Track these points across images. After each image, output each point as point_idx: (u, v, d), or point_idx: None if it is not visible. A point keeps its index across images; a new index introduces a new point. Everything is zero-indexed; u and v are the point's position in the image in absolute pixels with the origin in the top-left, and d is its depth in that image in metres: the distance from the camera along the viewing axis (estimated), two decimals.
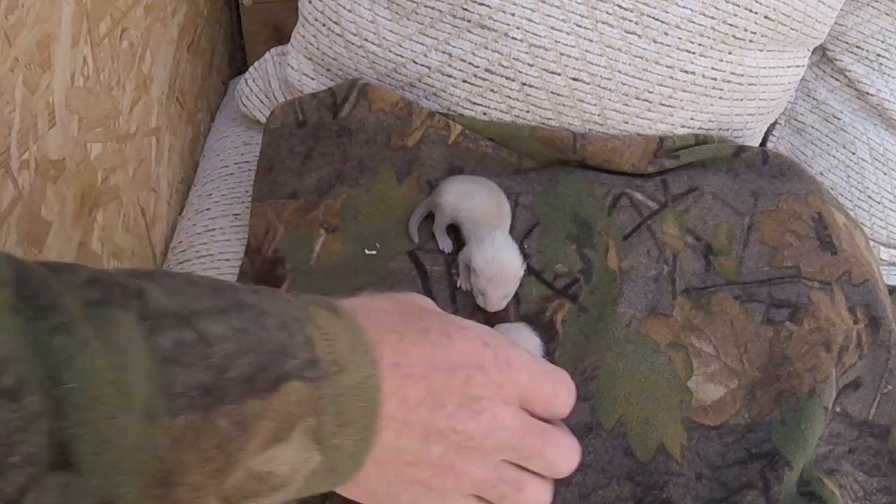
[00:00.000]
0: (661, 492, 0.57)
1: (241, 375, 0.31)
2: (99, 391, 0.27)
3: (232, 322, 0.32)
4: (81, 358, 0.27)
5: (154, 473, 0.29)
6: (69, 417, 0.26)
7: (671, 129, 0.79)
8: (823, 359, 0.64)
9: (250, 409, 0.31)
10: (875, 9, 0.89)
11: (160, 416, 0.29)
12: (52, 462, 0.26)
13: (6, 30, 0.51)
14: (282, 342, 0.33)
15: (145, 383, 0.29)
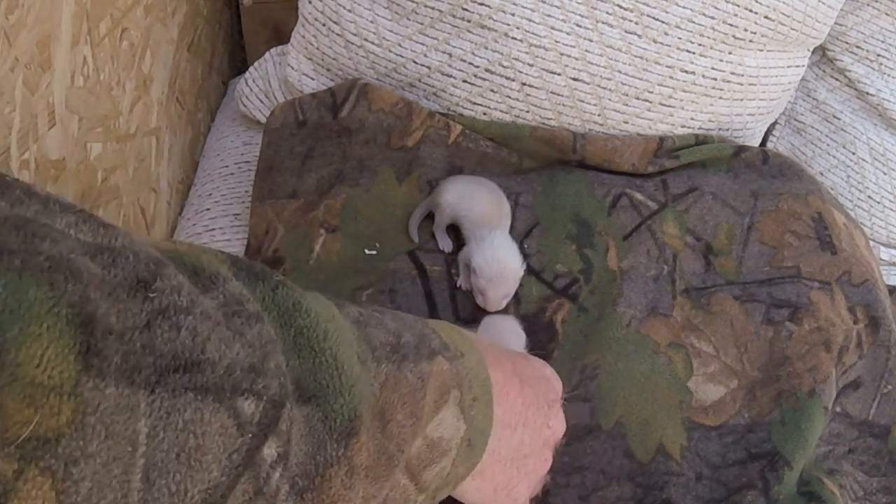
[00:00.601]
0: (661, 492, 0.57)
1: (411, 342, 0.37)
2: (326, 327, 0.31)
3: (381, 314, 0.37)
4: (306, 302, 0.31)
5: (374, 405, 0.32)
6: (304, 352, 0.30)
7: (671, 129, 0.79)
8: (823, 359, 0.64)
9: (424, 370, 0.36)
10: (875, 9, 0.89)
11: (369, 362, 0.33)
12: (294, 394, 0.29)
13: (6, 30, 0.51)
14: (419, 330, 0.38)
15: (353, 334, 0.33)
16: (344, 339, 0.32)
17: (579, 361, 0.62)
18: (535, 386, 0.46)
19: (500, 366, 0.44)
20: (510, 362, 0.45)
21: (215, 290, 0.28)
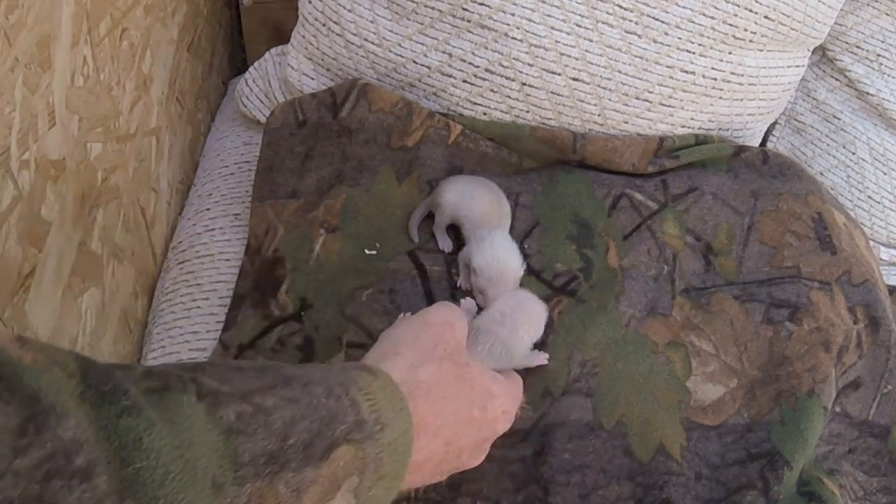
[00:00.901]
0: (660, 492, 0.57)
1: (301, 442, 0.33)
2: (167, 468, 0.28)
3: (283, 394, 0.35)
4: (148, 438, 0.28)
5: None
6: (139, 496, 0.27)
7: (671, 129, 0.79)
8: (823, 359, 0.64)
9: (307, 476, 0.33)
10: (875, 9, 0.89)
11: (228, 486, 0.30)
12: None
13: (6, 30, 0.51)
14: (330, 408, 0.36)
15: (212, 455, 0.30)
16: (189, 477, 0.29)
17: (578, 354, 0.62)
18: (473, 395, 0.47)
19: (432, 408, 0.44)
20: (444, 398, 0.45)
21: (43, 434, 0.26)
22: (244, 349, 0.64)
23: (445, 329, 0.49)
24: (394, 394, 0.40)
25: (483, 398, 0.48)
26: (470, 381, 0.47)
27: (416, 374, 0.44)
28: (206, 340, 0.71)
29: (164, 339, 0.73)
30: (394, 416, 0.39)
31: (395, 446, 0.38)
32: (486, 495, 0.57)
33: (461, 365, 0.47)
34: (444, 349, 0.47)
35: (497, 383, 0.50)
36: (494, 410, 0.48)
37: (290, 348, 0.63)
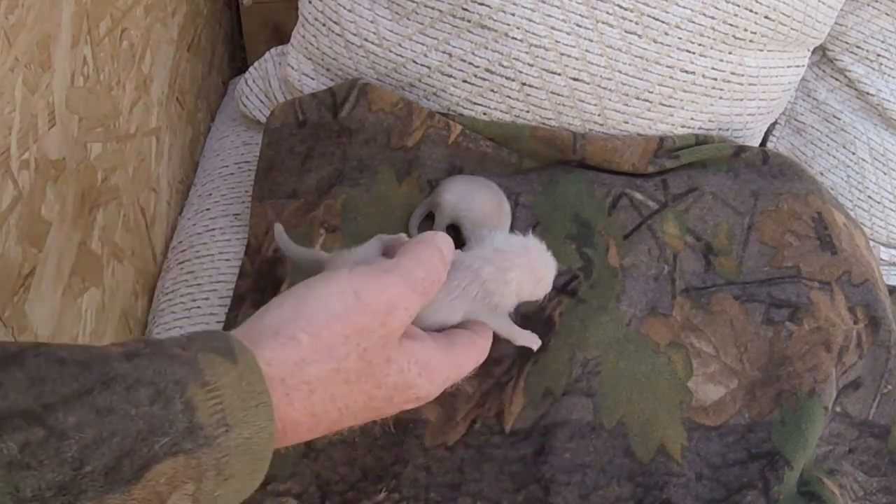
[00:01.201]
0: (661, 492, 0.57)
1: (102, 467, 0.29)
2: None
3: (95, 403, 0.30)
4: None
5: None
6: None
7: (671, 129, 0.79)
8: (823, 359, 0.64)
9: (110, 503, 0.29)
10: (875, 9, 0.89)
11: None
12: None
13: (6, 30, 0.51)
14: (153, 417, 0.31)
15: None
16: None
17: (580, 353, 0.62)
18: (379, 391, 0.40)
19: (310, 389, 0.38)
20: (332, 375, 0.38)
21: None
22: None
23: (378, 316, 0.39)
24: (251, 386, 0.34)
25: (391, 392, 0.40)
26: (377, 378, 0.40)
27: (303, 371, 0.37)
28: None
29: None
30: (246, 415, 0.33)
31: (248, 446, 0.33)
32: (486, 495, 0.57)
33: (375, 364, 0.39)
34: (359, 343, 0.39)
35: (427, 372, 0.42)
36: (405, 398, 0.42)
37: None
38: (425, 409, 0.61)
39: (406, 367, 0.41)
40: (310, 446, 0.59)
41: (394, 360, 0.40)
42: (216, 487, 0.33)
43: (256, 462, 0.34)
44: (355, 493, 0.57)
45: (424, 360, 0.42)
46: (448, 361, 0.44)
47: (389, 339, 0.40)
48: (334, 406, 0.38)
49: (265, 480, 0.57)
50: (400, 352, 0.40)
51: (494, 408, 0.61)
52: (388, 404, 0.41)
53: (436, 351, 0.43)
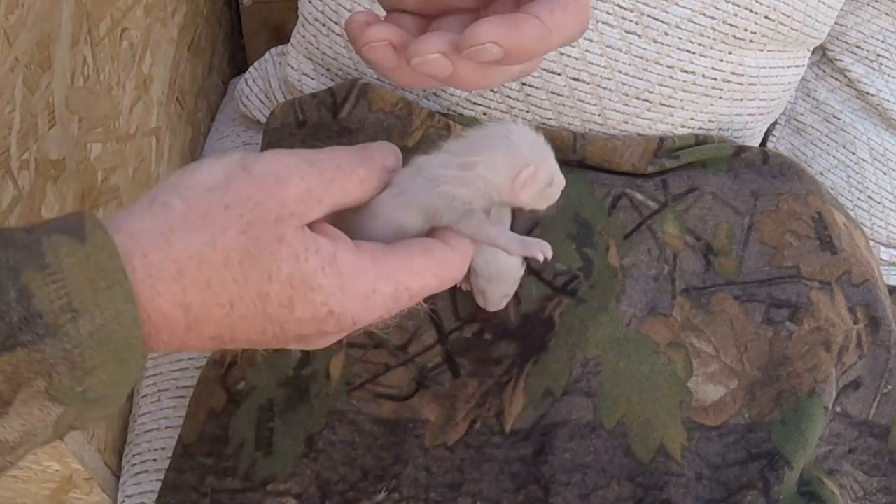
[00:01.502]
0: (661, 492, 0.57)
1: None
2: None
3: None
4: None
5: None
6: None
7: (671, 129, 0.79)
8: (823, 359, 0.64)
9: None
10: (875, 9, 0.89)
11: None
12: None
13: (6, 30, 0.51)
14: None
15: None
16: None
17: (580, 353, 0.62)
18: (270, 285, 0.32)
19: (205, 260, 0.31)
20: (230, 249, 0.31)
21: None
22: (244, 349, 0.64)
23: (267, 186, 0.33)
24: (100, 265, 0.29)
25: (288, 291, 0.32)
26: (266, 264, 0.31)
27: (171, 244, 0.31)
28: None
29: None
30: (97, 298, 0.28)
31: (106, 334, 0.29)
32: (486, 495, 0.57)
33: (262, 242, 0.31)
34: (242, 214, 0.32)
35: (336, 274, 0.33)
36: (313, 310, 0.32)
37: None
38: (425, 409, 0.61)
39: (303, 253, 0.32)
40: (310, 446, 0.59)
41: (288, 240, 0.32)
42: (75, 383, 0.29)
43: (122, 353, 0.29)
44: (355, 493, 0.57)
45: (330, 255, 0.33)
46: (377, 272, 0.34)
47: (282, 215, 0.32)
48: (213, 299, 0.31)
49: (265, 480, 0.58)
50: (297, 235, 0.32)
51: (494, 408, 0.61)
52: (291, 316, 0.32)
53: (354, 255, 0.33)
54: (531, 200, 0.39)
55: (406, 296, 0.35)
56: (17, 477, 0.65)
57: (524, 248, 0.38)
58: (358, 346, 0.63)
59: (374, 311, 0.34)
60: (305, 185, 0.34)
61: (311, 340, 0.35)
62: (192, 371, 0.70)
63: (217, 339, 0.32)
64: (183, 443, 0.61)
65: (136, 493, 0.66)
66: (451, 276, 0.37)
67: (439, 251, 0.36)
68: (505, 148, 0.37)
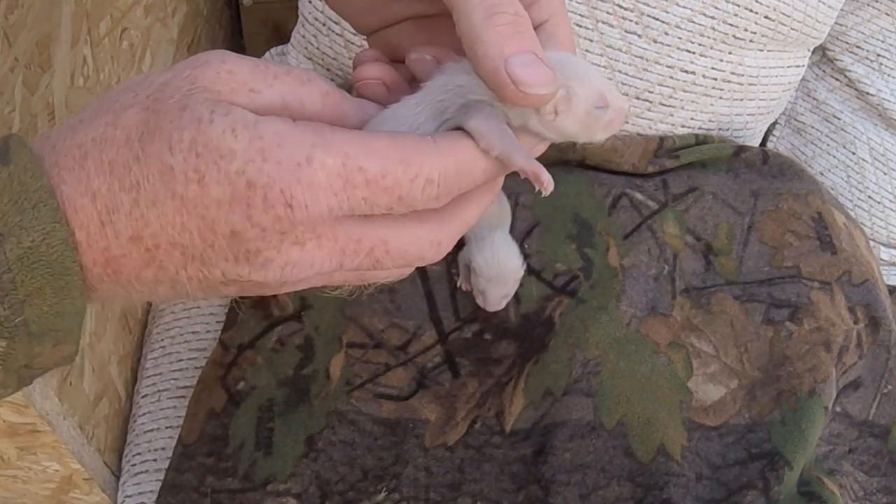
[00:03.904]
0: (661, 492, 0.57)
1: None
2: None
3: None
4: None
5: None
6: None
7: (671, 129, 0.79)
8: (823, 359, 0.64)
9: None
10: (875, 9, 0.89)
11: None
12: None
13: (6, 30, 0.51)
14: None
15: None
16: None
17: (580, 353, 0.62)
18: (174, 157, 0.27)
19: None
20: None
21: None
22: (244, 349, 0.64)
23: (183, 69, 0.29)
24: (24, 185, 0.27)
25: (193, 160, 0.27)
26: (167, 133, 0.27)
27: (76, 133, 0.28)
28: (206, 340, 0.71)
29: (164, 339, 0.73)
30: (22, 219, 0.27)
31: (37, 256, 0.27)
32: (486, 495, 0.57)
33: (163, 112, 0.28)
34: (149, 95, 0.28)
35: (255, 138, 0.27)
36: (228, 182, 0.27)
37: (290, 348, 0.63)
38: (425, 409, 0.61)
39: (207, 116, 0.27)
40: (310, 446, 0.59)
41: (191, 107, 0.27)
42: (11, 312, 0.27)
43: (58, 278, 0.27)
44: (355, 493, 0.57)
45: (246, 119, 0.27)
46: (316, 139, 0.27)
47: (193, 90, 0.28)
48: (118, 182, 0.27)
49: (265, 480, 0.58)
50: (204, 102, 0.28)
51: (494, 408, 0.61)
52: (206, 196, 0.27)
53: (286, 123, 0.28)
54: (581, 130, 0.32)
55: (360, 179, 0.27)
56: (17, 477, 0.65)
57: (528, 164, 0.32)
58: (358, 346, 0.63)
59: (314, 188, 0.27)
60: (227, 67, 0.29)
61: (256, 250, 0.28)
62: (192, 371, 0.70)
63: (137, 240, 0.28)
64: (183, 443, 0.61)
65: (136, 493, 0.66)
66: (427, 168, 0.28)
67: (414, 138, 0.29)
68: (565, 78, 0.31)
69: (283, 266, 0.28)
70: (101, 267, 0.28)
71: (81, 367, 0.62)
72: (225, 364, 0.64)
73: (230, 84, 0.28)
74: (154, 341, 0.73)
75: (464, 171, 0.30)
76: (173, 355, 0.71)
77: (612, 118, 0.32)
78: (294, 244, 0.28)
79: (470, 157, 0.30)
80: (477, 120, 0.30)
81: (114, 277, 0.29)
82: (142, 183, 0.27)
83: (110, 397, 0.69)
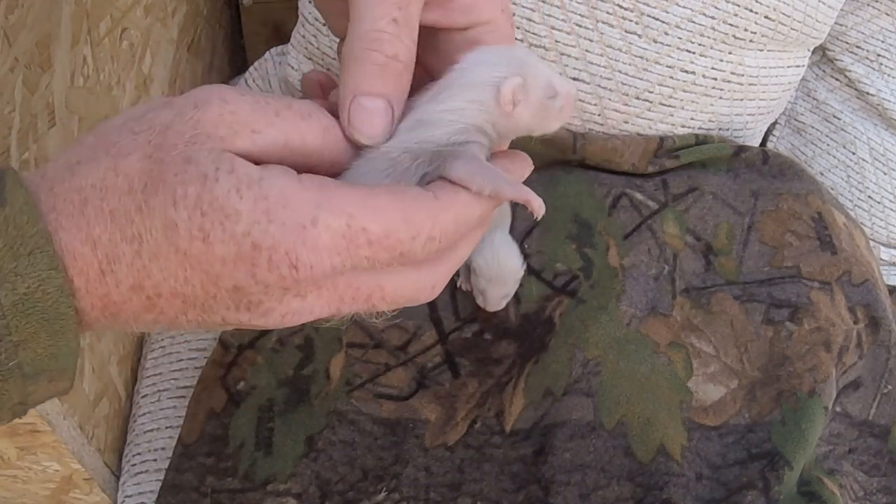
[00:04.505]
0: (661, 492, 0.57)
1: None
2: None
3: None
4: None
5: None
6: None
7: (671, 129, 0.79)
8: (823, 359, 0.64)
9: None
10: (875, 9, 0.89)
11: None
12: None
13: (6, 30, 0.51)
14: None
15: None
16: None
17: (580, 353, 0.62)
18: (178, 213, 0.27)
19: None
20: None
21: None
22: (244, 349, 0.64)
23: (186, 109, 0.29)
24: (20, 230, 0.26)
25: (198, 219, 0.27)
26: (171, 187, 0.27)
27: (75, 175, 0.28)
28: (206, 340, 0.71)
29: (164, 340, 0.73)
30: (17, 266, 0.26)
31: (32, 303, 0.27)
32: (486, 495, 0.57)
33: (167, 163, 0.27)
34: (150, 140, 0.28)
35: (261, 197, 0.27)
36: (234, 242, 0.27)
37: (290, 348, 0.63)
38: (425, 409, 0.61)
39: (213, 173, 0.27)
40: (310, 446, 0.59)
41: (195, 160, 0.27)
42: (7, 357, 0.27)
43: (53, 322, 0.27)
44: (355, 493, 0.57)
45: (251, 177, 0.27)
46: (320, 199, 0.28)
47: (196, 137, 0.28)
48: (120, 233, 0.27)
49: (265, 480, 0.58)
50: (209, 155, 0.28)
51: (494, 408, 0.61)
52: (210, 254, 0.27)
53: (291, 179, 0.28)
54: (536, 121, 0.32)
55: (364, 239, 0.28)
56: (17, 477, 0.65)
57: (518, 192, 0.33)
58: (358, 346, 0.63)
59: (318, 250, 0.27)
60: (230, 108, 0.29)
61: (258, 301, 0.29)
62: (192, 371, 0.70)
63: (138, 289, 0.28)
64: (183, 443, 0.61)
65: (136, 493, 0.66)
66: (429, 226, 0.29)
67: (414, 193, 0.30)
68: (476, 66, 0.32)
69: (284, 315, 0.29)
70: (100, 311, 0.29)
71: (81, 367, 0.62)
72: (225, 364, 0.64)
73: (233, 126, 0.28)
74: (154, 341, 0.73)
75: (462, 221, 0.31)
76: (173, 355, 0.71)
77: (563, 105, 0.33)
78: (296, 297, 0.29)
79: (467, 207, 0.31)
80: (459, 169, 0.31)
81: (112, 319, 0.29)
82: (144, 236, 0.27)
83: (110, 397, 0.69)
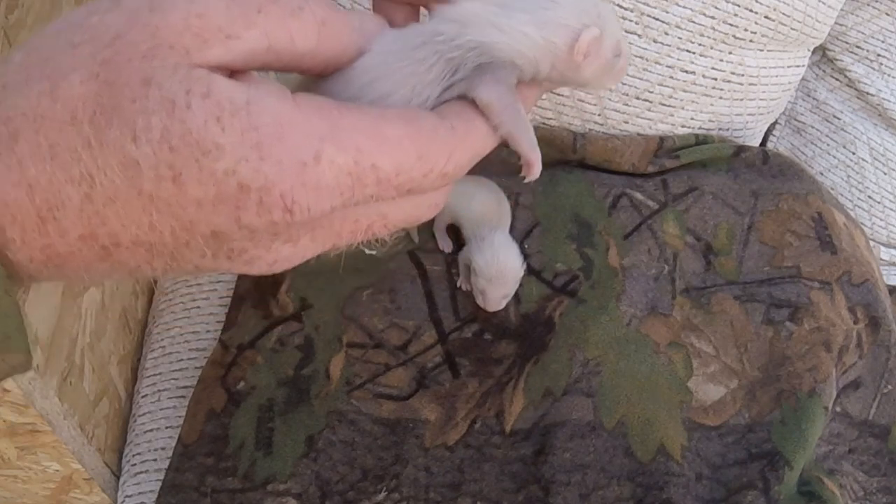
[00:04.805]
0: (661, 492, 0.57)
1: None
2: None
3: None
4: None
5: None
6: None
7: (671, 129, 0.79)
8: (823, 359, 0.64)
9: None
10: (875, 9, 0.89)
11: None
12: None
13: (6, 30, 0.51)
14: None
15: None
16: None
17: (580, 353, 0.62)
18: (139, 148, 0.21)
19: None
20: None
21: None
22: (244, 349, 0.64)
23: (138, 15, 0.22)
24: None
25: (167, 156, 0.22)
26: (127, 115, 0.21)
27: (3, 101, 0.22)
28: (206, 340, 0.71)
29: (164, 340, 0.73)
30: None
31: None
32: (486, 495, 0.57)
33: (120, 85, 0.22)
34: (94, 53, 0.22)
35: (248, 128, 0.22)
36: (214, 182, 0.22)
37: (290, 348, 0.63)
38: (425, 409, 0.61)
39: (182, 98, 0.21)
40: (310, 446, 0.59)
41: (157, 81, 0.22)
42: None
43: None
44: (355, 493, 0.57)
45: (235, 101, 0.22)
46: (325, 129, 0.23)
47: (154, 48, 0.22)
48: (64, 173, 0.22)
49: (265, 480, 0.58)
50: (174, 73, 0.22)
51: (494, 408, 0.61)
52: (183, 196, 0.22)
53: (286, 103, 0.23)
54: (595, 76, 0.30)
55: (372, 178, 0.23)
56: (17, 477, 0.65)
57: (533, 153, 0.29)
58: (358, 346, 0.63)
59: (319, 190, 0.23)
60: (195, 9, 0.22)
61: (242, 249, 0.24)
62: (192, 371, 0.70)
63: (90, 238, 0.23)
64: (183, 443, 0.61)
65: (136, 493, 0.66)
66: (443, 162, 0.25)
67: (431, 123, 0.25)
68: (565, 4, 0.28)
69: (272, 263, 0.26)
70: (41, 263, 0.24)
71: (81, 367, 0.62)
72: (225, 364, 0.64)
73: (202, 34, 0.22)
74: (154, 341, 0.73)
75: (476, 156, 0.27)
76: (173, 355, 0.71)
77: (621, 67, 0.31)
78: (286, 242, 0.25)
79: (482, 141, 0.27)
80: (490, 92, 0.26)
81: (56, 270, 0.24)
82: (96, 176, 0.22)
83: (110, 397, 0.69)
